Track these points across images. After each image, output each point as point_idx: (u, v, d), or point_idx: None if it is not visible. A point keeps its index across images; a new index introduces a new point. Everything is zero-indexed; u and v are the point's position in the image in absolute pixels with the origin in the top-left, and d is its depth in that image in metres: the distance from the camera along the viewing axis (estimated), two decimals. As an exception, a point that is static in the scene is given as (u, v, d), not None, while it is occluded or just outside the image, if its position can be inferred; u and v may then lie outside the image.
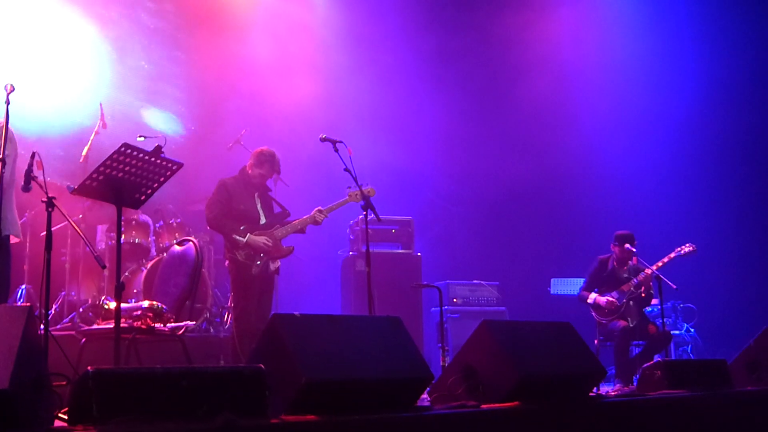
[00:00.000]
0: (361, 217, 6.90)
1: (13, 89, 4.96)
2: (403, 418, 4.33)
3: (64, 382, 4.09)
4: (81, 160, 7.76)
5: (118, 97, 9.78)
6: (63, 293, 7.87)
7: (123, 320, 5.22)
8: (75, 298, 7.90)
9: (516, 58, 12.38)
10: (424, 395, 5.22)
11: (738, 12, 12.26)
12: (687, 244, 8.61)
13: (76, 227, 4.84)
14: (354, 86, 11.65)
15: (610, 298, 8.55)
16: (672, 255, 8.59)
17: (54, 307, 7.83)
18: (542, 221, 12.35)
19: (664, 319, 8.70)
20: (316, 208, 7.20)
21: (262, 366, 4.02)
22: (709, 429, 5.75)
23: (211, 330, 8.31)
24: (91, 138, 7.94)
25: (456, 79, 12.45)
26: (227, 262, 7.05)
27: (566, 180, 12.33)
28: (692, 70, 12.45)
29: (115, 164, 4.77)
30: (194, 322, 6.82)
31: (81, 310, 7.70)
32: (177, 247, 6.26)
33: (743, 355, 7.12)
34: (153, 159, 4.92)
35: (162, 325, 5.50)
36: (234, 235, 6.90)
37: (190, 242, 6.10)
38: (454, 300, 10.24)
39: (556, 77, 12.46)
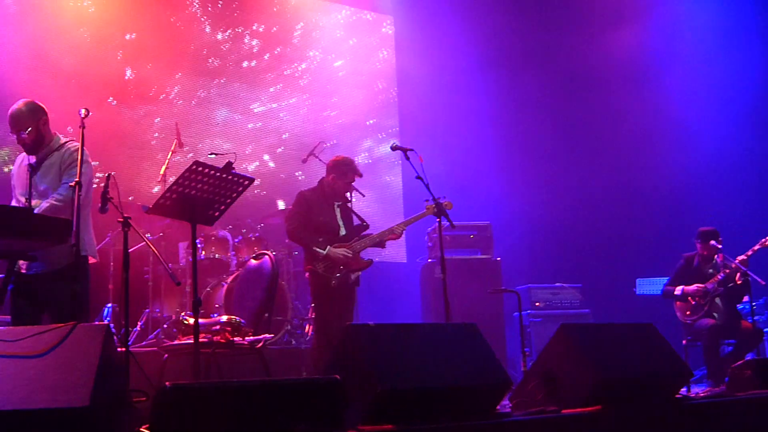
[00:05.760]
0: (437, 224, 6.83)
1: (89, 113, 5.06)
2: (480, 426, 4.28)
3: (144, 398, 4.17)
4: (159, 179, 7.92)
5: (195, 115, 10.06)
6: (147, 311, 8.02)
7: (203, 335, 5.31)
8: (159, 314, 8.05)
9: (593, 61, 12.23)
10: (505, 401, 5.17)
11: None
12: None
13: (151, 246, 4.94)
14: (429, 90, 11.67)
15: (700, 285, 8.36)
16: (756, 247, 8.32)
17: (139, 324, 7.99)
18: (626, 220, 12.10)
19: (755, 317, 8.45)
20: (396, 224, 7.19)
21: (338, 377, 4.03)
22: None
23: (293, 342, 8.36)
24: (168, 157, 8.09)
25: (533, 79, 12.32)
26: (307, 274, 7.05)
27: (649, 178, 12.08)
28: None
29: (187, 182, 4.87)
30: (273, 335, 6.87)
31: (165, 326, 7.84)
32: (253, 261, 6.32)
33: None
34: (224, 175, 4.99)
35: (241, 338, 5.57)
36: (314, 247, 6.89)
37: (266, 255, 6.16)
38: (537, 304, 10.10)
39: (632, 76, 12.25)
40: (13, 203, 5.46)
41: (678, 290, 8.52)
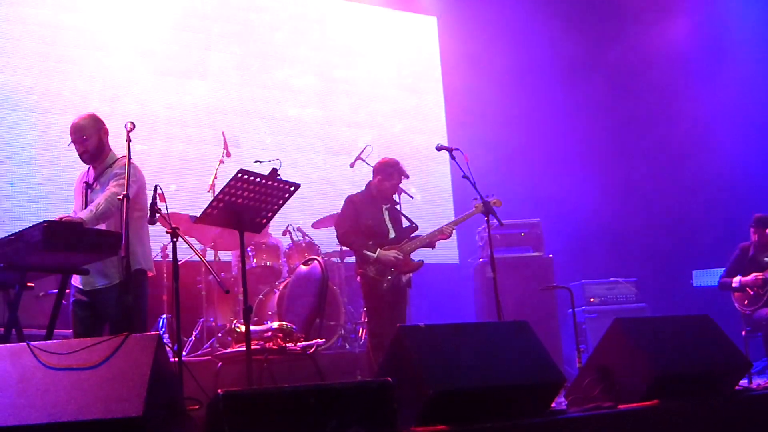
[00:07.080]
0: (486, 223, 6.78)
1: (134, 127, 5.10)
2: (536, 423, 4.24)
3: (197, 406, 4.20)
4: (208, 190, 7.98)
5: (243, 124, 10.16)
6: (201, 320, 8.07)
7: (255, 342, 5.35)
8: (213, 323, 8.11)
9: (642, 55, 12.13)
10: (561, 398, 5.12)
11: None
12: None
13: (199, 255, 4.98)
14: (475, 88, 11.63)
15: (757, 274, 8.17)
16: None
17: (194, 333, 8.06)
18: (679, 211, 11.93)
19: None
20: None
21: (390, 379, 4.01)
22: None
23: (347, 346, 8.35)
24: (217, 167, 8.15)
25: (582, 75, 12.22)
26: (358, 277, 7.07)
27: (702, 168, 11.88)
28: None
29: (233, 191, 4.90)
30: (325, 340, 6.89)
31: (219, 335, 7.89)
32: (303, 267, 6.35)
33: None
34: (270, 182, 5.01)
35: (293, 344, 5.59)
36: (364, 251, 6.89)
37: (316, 261, 6.18)
38: (591, 300, 9.98)
39: (683, 69, 12.10)
40: None
41: (735, 282, 8.35)
